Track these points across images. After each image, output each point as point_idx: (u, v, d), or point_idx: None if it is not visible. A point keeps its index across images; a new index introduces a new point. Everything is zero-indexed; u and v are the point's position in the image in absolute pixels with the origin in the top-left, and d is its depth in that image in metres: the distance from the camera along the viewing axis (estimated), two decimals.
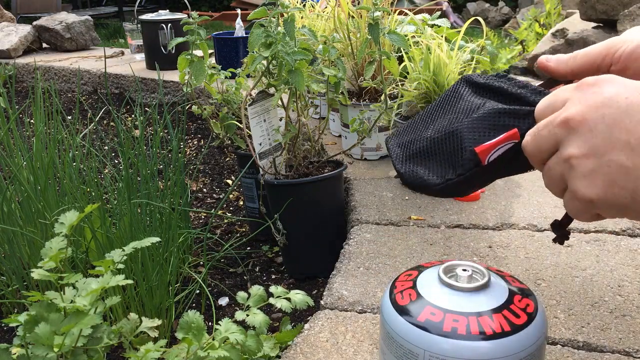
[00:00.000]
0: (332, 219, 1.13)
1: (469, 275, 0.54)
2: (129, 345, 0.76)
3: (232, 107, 1.23)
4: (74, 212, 0.69)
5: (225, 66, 1.36)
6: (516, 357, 0.50)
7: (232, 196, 1.60)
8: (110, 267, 0.67)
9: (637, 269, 0.91)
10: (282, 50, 0.95)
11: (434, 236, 1.05)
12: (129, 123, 2.26)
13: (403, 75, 1.27)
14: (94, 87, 2.84)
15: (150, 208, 1.02)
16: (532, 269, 0.92)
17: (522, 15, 5.04)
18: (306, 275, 1.15)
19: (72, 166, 1.10)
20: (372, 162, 1.45)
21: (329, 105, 1.17)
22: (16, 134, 1.14)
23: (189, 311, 0.69)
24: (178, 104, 2.37)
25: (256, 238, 1.29)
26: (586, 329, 0.77)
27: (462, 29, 1.26)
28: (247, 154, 1.18)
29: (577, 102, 0.42)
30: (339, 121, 1.58)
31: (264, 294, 0.78)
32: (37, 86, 1.25)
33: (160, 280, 0.91)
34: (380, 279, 0.92)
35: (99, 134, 1.81)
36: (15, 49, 3.26)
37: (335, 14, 1.39)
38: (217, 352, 0.65)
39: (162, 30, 2.65)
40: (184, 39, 1.12)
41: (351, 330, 0.80)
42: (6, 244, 1.00)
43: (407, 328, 0.52)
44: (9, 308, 1.06)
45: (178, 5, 6.95)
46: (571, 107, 0.42)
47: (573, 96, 0.43)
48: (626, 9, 1.91)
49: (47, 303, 0.63)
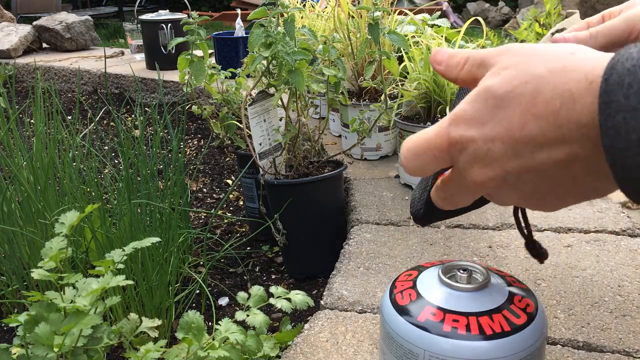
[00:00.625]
0: (332, 219, 1.13)
1: (468, 275, 0.54)
2: (129, 345, 0.76)
3: (232, 107, 1.23)
4: (74, 212, 0.69)
5: (225, 66, 1.36)
6: (516, 357, 0.50)
7: (232, 196, 1.60)
8: (110, 267, 0.67)
9: (637, 269, 0.91)
10: (282, 50, 0.95)
11: (434, 236, 1.05)
12: (129, 123, 2.26)
13: (403, 75, 1.27)
14: (94, 87, 2.84)
15: (150, 208, 1.02)
16: (532, 269, 0.92)
17: (522, 15, 5.04)
18: (306, 275, 1.15)
19: (72, 166, 1.10)
20: (372, 162, 1.45)
21: (329, 105, 1.17)
22: (16, 134, 1.14)
23: (189, 311, 0.69)
24: (178, 104, 2.37)
25: (256, 238, 1.29)
26: (586, 329, 0.77)
27: (462, 29, 1.26)
28: (247, 154, 1.18)
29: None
30: (339, 121, 1.58)
31: (264, 294, 0.78)
32: (37, 86, 1.25)
33: (160, 280, 0.91)
34: (380, 279, 0.92)
35: (99, 134, 1.81)
36: (15, 49, 3.27)
37: (335, 14, 1.39)
38: (217, 352, 0.65)
39: (162, 30, 2.65)
40: (184, 39, 1.12)
41: (351, 330, 0.80)
42: (6, 244, 1.00)
43: (407, 328, 0.52)
44: (9, 308, 1.06)
45: (178, 5, 6.95)
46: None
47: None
48: None
49: (47, 303, 0.63)
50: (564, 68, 0.34)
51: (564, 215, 1.09)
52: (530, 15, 3.30)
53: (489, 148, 0.37)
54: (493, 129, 0.36)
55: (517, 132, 0.35)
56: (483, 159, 0.38)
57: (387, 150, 1.46)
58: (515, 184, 0.38)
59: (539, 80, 0.35)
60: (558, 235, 1.03)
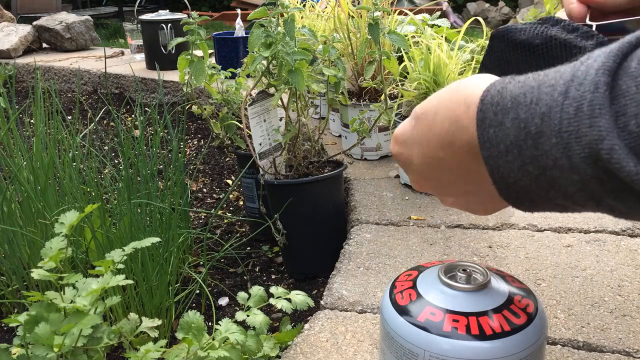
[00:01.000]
0: (332, 219, 1.13)
1: (468, 275, 0.54)
2: (129, 345, 0.76)
3: (232, 107, 1.23)
4: (74, 212, 0.69)
5: (225, 66, 1.36)
6: (516, 357, 0.50)
7: (232, 196, 1.60)
8: (110, 267, 0.67)
9: (637, 269, 0.91)
10: (282, 50, 0.95)
11: (434, 236, 1.05)
12: (129, 123, 2.26)
13: (403, 75, 1.27)
14: (94, 87, 2.84)
15: (150, 208, 1.02)
16: (532, 269, 0.92)
17: (522, 16, 5.04)
18: (306, 275, 1.15)
19: (72, 166, 1.10)
20: (372, 162, 1.45)
21: (329, 105, 1.17)
22: (16, 134, 1.14)
23: (189, 311, 0.69)
24: (178, 104, 2.37)
25: (256, 238, 1.29)
26: (586, 329, 0.77)
27: (462, 29, 1.26)
28: (247, 154, 1.18)
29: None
30: (339, 121, 1.58)
31: (264, 295, 0.78)
32: (37, 86, 1.25)
33: (160, 280, 0.91)
34: (380, 279, 0.92)
35: (99, 134, 1.81)
36: (15, 49, 3.26)
37: (335, 14, 1.39)
38: (217, 352, 0.65)
39: (162, 30, 2.65)
40: (184, 39, 1.12)
41: (351, 330, 0.80)
42: (6, 244, 1.00)
43: (407, 328, 0.52)
44: (9, 308, 1.06)
45: (178, 5, 6.94)
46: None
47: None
48: None
49: (47, 303, 0.63)
50: (456, 91, 0.40)
51: (564, 215, 1.09)
52: (530, 15, 3.29)
53: (411, 162, 0.46)
54: (412, 146, 0.45)
55: (426, 147, 0.43)
56: (410, 170, 0.47)
57: (387, 150, 1.46)
58: (439, 189, 0.47)
59: (439, 102, 0.42)
60: (558, 235, 1.03)
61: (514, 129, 0.34)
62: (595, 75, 0.31)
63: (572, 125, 0.31)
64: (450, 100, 0.40)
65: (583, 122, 0.31)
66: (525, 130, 0.33)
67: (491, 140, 0.36)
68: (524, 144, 0.34)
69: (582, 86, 0.31)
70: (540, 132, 0.33)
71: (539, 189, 0.35)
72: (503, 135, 0.35)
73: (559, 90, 0.32)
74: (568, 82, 0.32)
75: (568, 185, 0.33)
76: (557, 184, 0.34)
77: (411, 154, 0.45)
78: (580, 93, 0.31)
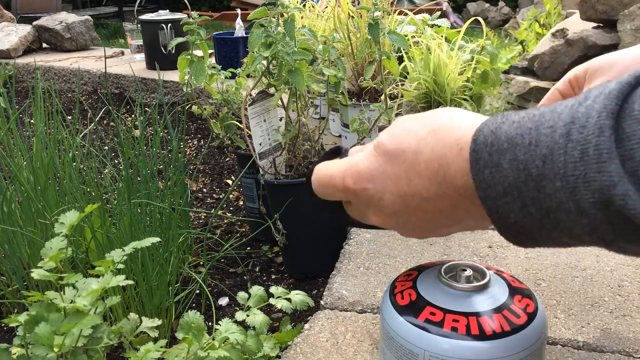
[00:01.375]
0: (332, 219, 1.13)
1: (469, 275, 0.54)
2: (129, 345, 0.76)
3: (232, 107, 1.23)
4: (74, 212, 0.69)
5: (225, 66, 1.36)
6: (516, 357, 0.50)
7: (232, 196, 1.60)
8: (110, 267, 0.67)
9: (637, 269, 0.91)
10: (282, 50, 0.95)
11: None
12: (129, 123, 2.26)
13: (403, 75, 1.27)
14: (94, 87, 2.84)
15: (150, 208, 1.02)
16: (532, 269, 0.92)
17: (522, 16, 5.04)
18: (306, 275, 1.15)
19: (72, 166, 1.10)
20: None
21: (329, 105, 1.17)
22: (16, 134, 1.14)
23: (189, 311, 0.69)
24: (178, 104, 2.37)
25: (256, 238, 1.29)
26: (586, 329, 0.77)
27: (462, 29, 1.26)
28: (247, 154, 1.18)
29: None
30: (339, 121, 1.58)
31: (264, 295, 0.78)
32: (37, 86, 1.25)
33: (160, 280, 0.91)
34: (380, 279, 0.92)
35: (99, 134, 1.81)
36: (15, 49, 3.26)
37: (335, 14, 1.39)
38: (217, 352, 0.65)
39: (162, 30, 2.65)
40: (184, 39, 1.12)
41: (351, 330, 0.80)
42: (6, 244, 1.00)
43: (407, 328, 0.52)
44: (9, 308, 1.06)
45: (178, 5, 6.94)
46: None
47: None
48: (626, 9, 1.91)
49: (47, 303, 0.63)
50: (440, 130, 0.39)
51: None
52: (530, 15, 3.30)
53: (380, 198, 0.43)
54: (383, 183, 0.42)
55: (405, 186, 0.41)
56: (375, 206, 0.44)
57: None
58: (405, 225, 0.44)
59: (420, 142, 0.40)
60: None
61: (513, 170, 0.33)
62: (598, 118, 0.30)
63: (579, 170, 0.30)
64: (437, 141, 0.39)
65: (590, 166, 0.30)
66: (525, 172, 0.33)
67: (487, 181, 0.35)
68: (524, 186, 0.33)
69: (585, 129, 0.31)
70: (542, 174, 0.32)
71: (542, 229, 0.34)
72: (500, 177, 0.34)
73: (560, 132, 0.32)
74: (569, 124, 0.31)
75: (574, 227, 0.32)
76: (562, 225, 0.33)
77: (382, 191, 0.42)
78: (583, 136, 0.31)
